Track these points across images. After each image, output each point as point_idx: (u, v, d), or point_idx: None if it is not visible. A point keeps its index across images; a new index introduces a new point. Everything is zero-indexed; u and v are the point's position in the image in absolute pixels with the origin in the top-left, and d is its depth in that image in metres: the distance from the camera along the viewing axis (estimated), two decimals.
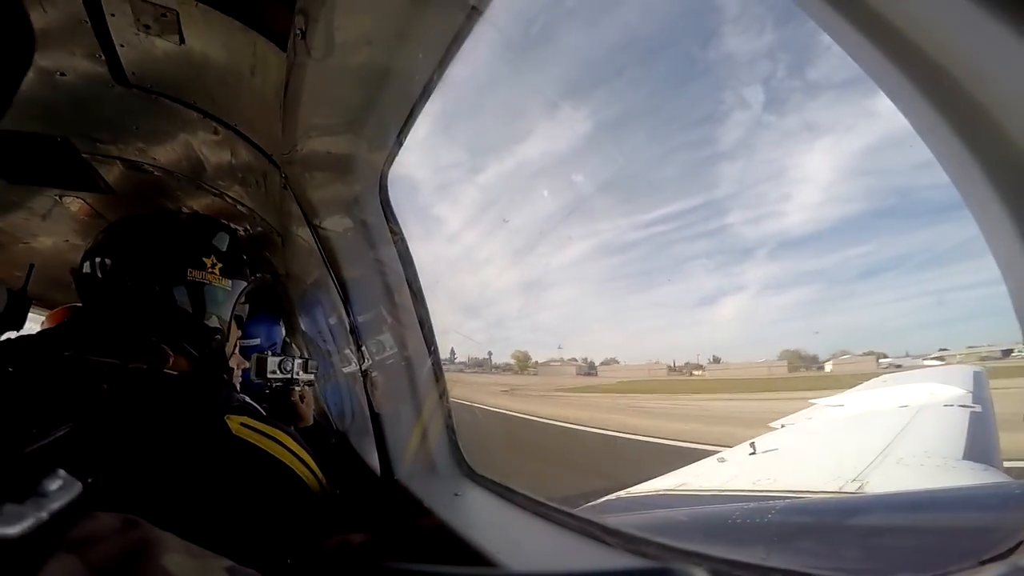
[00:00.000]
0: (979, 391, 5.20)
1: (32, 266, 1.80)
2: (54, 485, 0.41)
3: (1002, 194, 0.43)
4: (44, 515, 0.38)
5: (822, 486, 3.18)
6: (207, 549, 0.45)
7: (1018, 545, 0.52)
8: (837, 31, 0.47)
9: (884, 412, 4.92)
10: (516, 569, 0.72)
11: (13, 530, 0.35)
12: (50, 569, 0.35)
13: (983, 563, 0.53)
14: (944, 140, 0.44)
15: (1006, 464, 3.47)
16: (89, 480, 0.61)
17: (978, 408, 4.57)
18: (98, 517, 0.41)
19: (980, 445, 3.68)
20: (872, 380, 7.54)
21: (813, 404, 6.18)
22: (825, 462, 3.69)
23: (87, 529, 0.40)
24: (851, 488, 3.13)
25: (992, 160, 0.43)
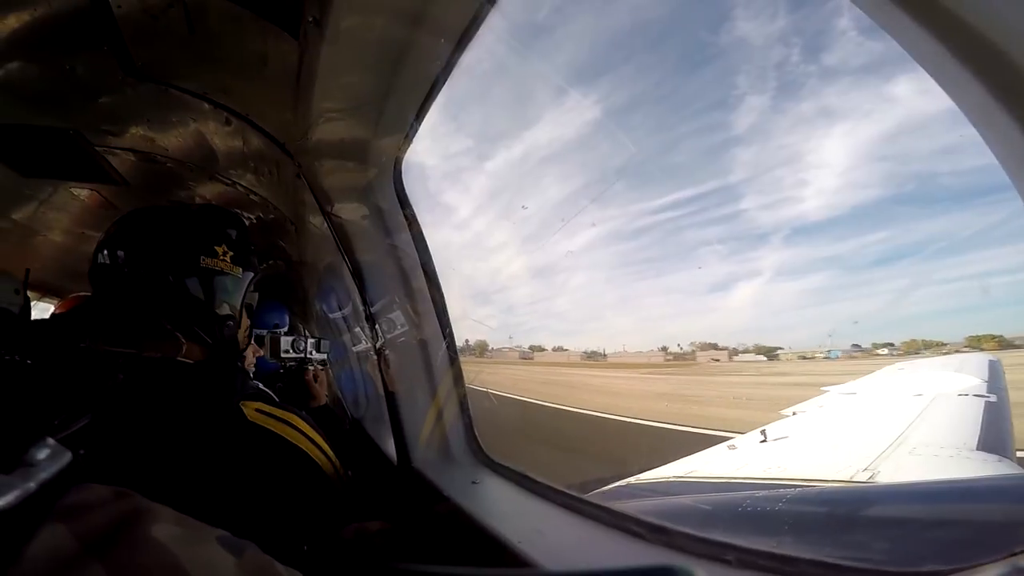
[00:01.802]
0: (995, 380, 5.13)
1: (28, 271, 1.83)
2: (42, 454, 0.40)
3: None
4: (32, 485, 0.37)
5: (833, 475, 3.16)
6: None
7: None
8: (881, 14, 0.45)
9: (897, 400, 4.88)
10: (538, 559, 0.72)
11: (1, 502, 0.35)
12: (39, 539, 0.34)
13: (1001, 559, 0.52)
14: (995, 120, 0.42)
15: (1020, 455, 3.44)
16: (81, 452, 0.61)
17: (993, 398, 4.51)
18: (90, 488, 0.41)
19: (994, 435, 3.64)
20: (886, 368, 7.46)
21: (825, 391, 6.13)
22: (836, 451, 3.67)
23: (77, 499, 0.39)
24: (862, 478, 3.11)
25: None
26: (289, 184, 1.60)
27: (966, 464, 3.16)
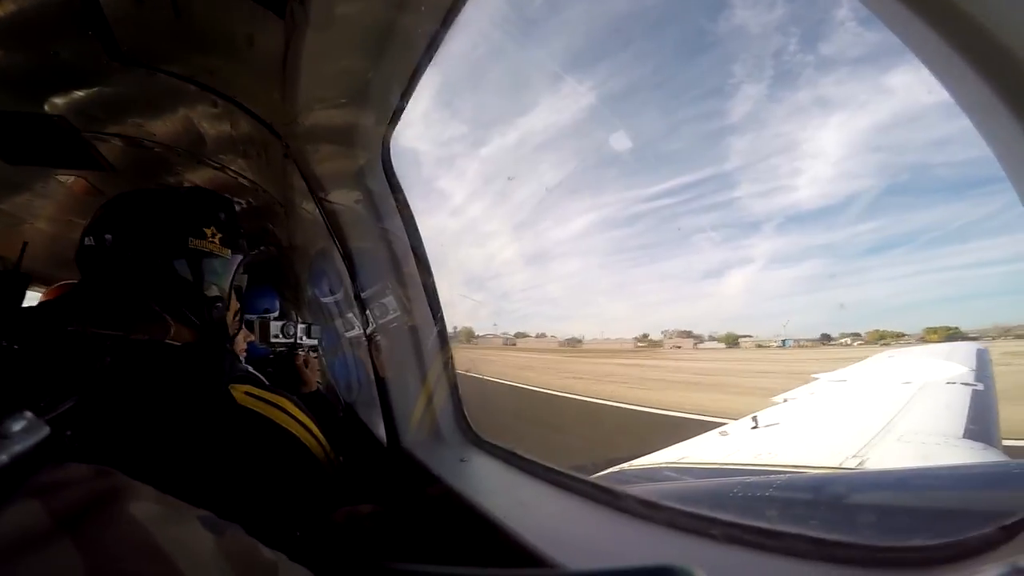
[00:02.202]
0: (982, 369, 5.20)
1: (25, 244, 1.80)
2: (17, 426, 0.39)
3: None
4: (4, 458, 0.36)
5: (822, 461, 3.21)
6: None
7: (1015, 525, 0.52)
8: (879, 4, 0.46)
9: (887, 388, 4.94)
10: (523, 534, 0.73)
11: None
12: (8, 513, 0.33)
13: (1003, 529, 0.53)
14: (991, 112, 0.43)
15: (1005, 443, 3.49)
16: (68, 433, 0.61)
17: (980, 386, 4.58)
18: (69, 466, 0.39)
19: (980, 423, 3.70)
20: (876, 355, 7.55)
21: (816, 378, 6.19)
22: (826, 437, 3.72)
23: (55, 476, 0.38)
24: (851, 464, 3.15)
25: None
26: (278, 167, 1.59)
27: (953, 451, 3.21)
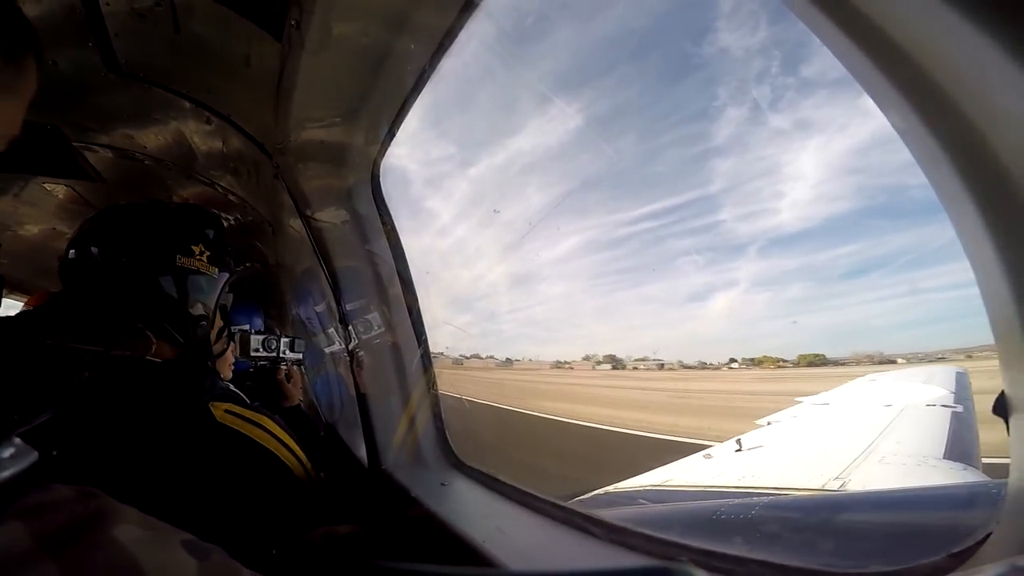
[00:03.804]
0: (961, 392, 5.29)
1: None
2: (6, 453, 0.39)
3: (977, 199, 0.44)
4: None
5: (805, 483, 3.22)
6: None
7: (984, 539, 0.54)
8: (823, 31, 0.48)
9: (868, 411, 4.99)
10: (502, 559, 0.73)
11: None
12: None
13: (951, 556, 0.55)
14: (924, 143, 0.45)
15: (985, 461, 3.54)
16: (54, 453, 0.60)
17: (959, 408, 4.65)
18: (54, 488, 0.39)
19: (961, 445, 3.75)
20: (858, 379, 7.64)
21: (799, 401, 6.25)
22: (809, 460, 3.74)
23: (39, 498, 0.38)
24: (833, 486, 3.17)
25: (970, 165, 0.44)
26: (268, 186, 1.60)
27: (934, 472, 3.25)
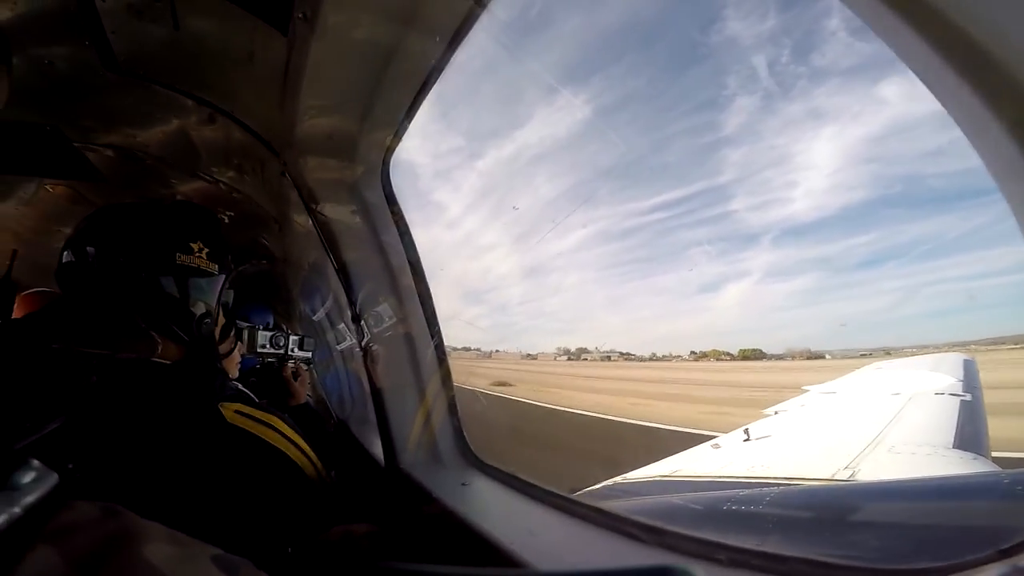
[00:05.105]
0: (970, 380, 5.27)
1: (15, 252, 1.75)
2: (27, 478, 0.39)
3: None
4: (17, 510, 0.36)
5: (815, 473, 3.21)
6: (204, 540, 0.44)
7: (1012, 548, 0.52)
8: (871, 14, 0.46)
9: (876, 400, 4.98)
10: (530, 560, 0.72)
11: None
12: (26, 563, 0.34)
13: (1000, 552, 0.53)
14: (983, 127, 0.43)
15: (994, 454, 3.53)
16: (70, 466, 0.60)
17: (968, 397, 4.63)
18: (77, 507, 0.40)
19: (970, 434, 3.73)
20: (865, 368, 7.63)
21: (806, 390, 6.23)
22: (818, 449, 3.74)
23: (65, 520, 0.38)
24: (843, 476, 3.16)
25: None
26: (274, 182, 1.58)
27: (943, 462, 3.23)
